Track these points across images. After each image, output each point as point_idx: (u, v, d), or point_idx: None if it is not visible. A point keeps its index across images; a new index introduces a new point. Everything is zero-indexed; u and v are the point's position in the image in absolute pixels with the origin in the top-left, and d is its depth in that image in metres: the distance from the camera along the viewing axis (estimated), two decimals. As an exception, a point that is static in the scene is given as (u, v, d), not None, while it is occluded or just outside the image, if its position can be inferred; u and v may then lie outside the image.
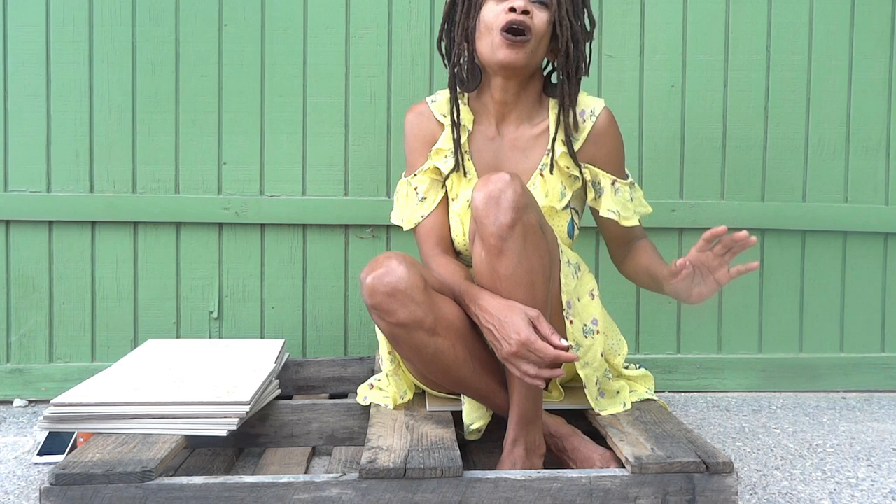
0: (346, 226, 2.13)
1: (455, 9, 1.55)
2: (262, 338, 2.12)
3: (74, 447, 1.62)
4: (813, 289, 2.24)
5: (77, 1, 2.05)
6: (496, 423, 1.49)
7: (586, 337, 1.49)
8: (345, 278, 2.14)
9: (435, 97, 1.65)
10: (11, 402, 2.06)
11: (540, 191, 1.54)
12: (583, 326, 1.50)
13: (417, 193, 1.61)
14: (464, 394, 1.48)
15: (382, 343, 1.53)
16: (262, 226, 2.12)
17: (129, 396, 1.44)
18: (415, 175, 1.61)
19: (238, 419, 1.42)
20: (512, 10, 1.44)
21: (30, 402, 2.07)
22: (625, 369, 1.61)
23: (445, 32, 1.59)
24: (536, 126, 1.58)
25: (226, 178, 2.10)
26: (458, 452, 1.29)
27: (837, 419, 1.99)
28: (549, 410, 1.51)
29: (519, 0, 1.44)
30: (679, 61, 2.18)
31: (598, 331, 1.51)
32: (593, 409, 1.50)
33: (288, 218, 2.11)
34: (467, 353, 1.42)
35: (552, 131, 1.56)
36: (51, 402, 1.43)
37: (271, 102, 2.11)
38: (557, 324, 1.46)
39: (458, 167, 1.57)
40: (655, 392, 1.64)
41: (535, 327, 1.28)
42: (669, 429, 1.41)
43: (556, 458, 1.48)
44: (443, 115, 1.61)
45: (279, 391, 1.67)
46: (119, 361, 1.73)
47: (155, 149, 2.09)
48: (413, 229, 1.62)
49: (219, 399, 1.44)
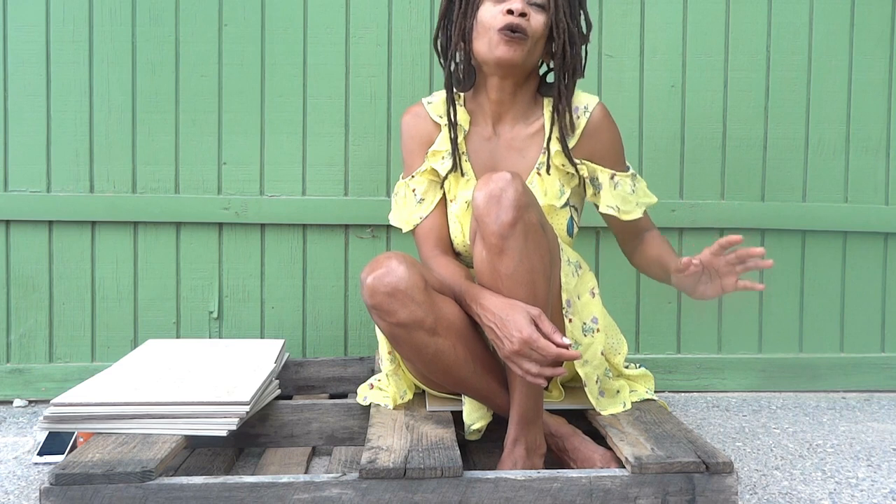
0: (346, 226, 2.13)
1: (452, 8, 1.55)
2: (262, 338, 2.12)
3: (74, 447, 1.62)
4: (813, 289, 2.24)
5: (77, 1, 2.05)
6: (496, 423, 1.49)
7: (586, 335, 1.49)
8: (345, 278, 2.14)
9: (431, 99, 1.65)
10: (11, 402, 2.06)
11: (538, 189, 1.54)
12: (582, 325, 1.50)
13: (416, 195, 1.60)
14: (464, 394, 1.48)
15: (382, 343, 1.53)
16: (262, 226, 2.12)
17: (129, 396, 1.44)
18: (412, 177, 1.61)
19: (238, 419, 1.42)
20: (510, 13, 1.45)
21: (30, 402, 2.07)
22: (625, 369, 1.61)
23: (442, 32, 1.58)
24: (532, 125, 1.58)
25: (226, 178, 2.10)
26: (458, 452, 1.29)
27: (837, 419, 1.99)
28: (550, 410, 1.51)
29: (517, 2, 1.45)
30: (679, 61, 2.18)
31: (598, 329, 1.51)
32: (593, 409, 1.50)
33: (288, 218, 2.11)
34: (468, 353, 1.42)
35: (547, 130, 1.56)
36: (51, 402, 1.43)
37: (271, 102, 2.11)
38: (557, 322, 1.46)
39: (456, 168, 1.57)
40: (655, 392, 1.64)
41: (537, 325, 1.28)
42: (669, 429, 1.41)
43: (557, 458, 1.48)
44: (439, 117, 1.61)
45: (279, 391, 1.67)
46: (119, 361, 1.73)
47: (155, 149, 2.09)
48: (412, 231, 1.62)
49: (219, 399, 1.44)
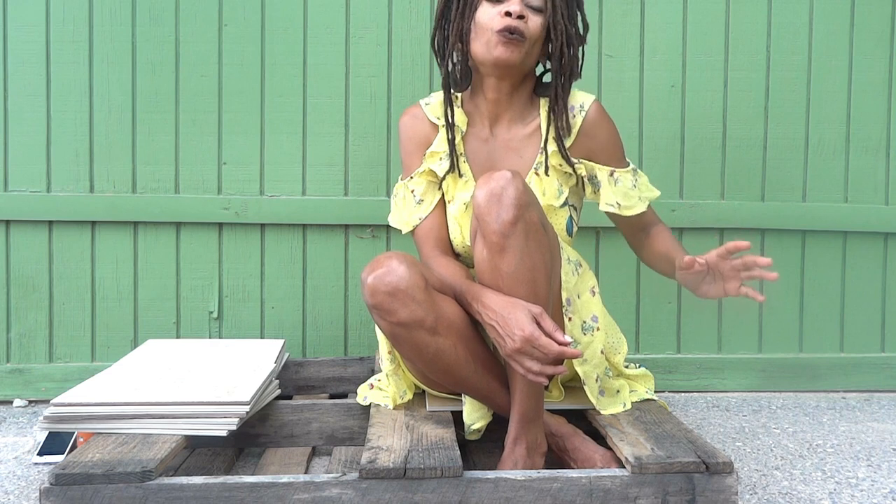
0: (346, 226, 2.13)
1: (449, 8, 1.55)
2: (262, 338, 2.12)
3: (74, 447, 1.62)
4: (813, 289, 2.24)
5: (77, 1, 2.05)
6: (496, 423, 1.49)
7: (585, 334, 1.49)
8: (345, 278, 2.14)
9: (428, 100, 1.65)
10: (11, 402, 2.06)
11: (537, 189, 1.54)
12: (582, 323, 1.50)
13: (414, 196, 1.60)
14: (465, 393, 1.48)
15: (382, 343, 1.53)
16: (262, 226, 2.12)
17: (129, 396, 1.44)
18: (411, 178, 1.61)
19: (238, 419, 1.42)
20: (508, 14, 1.45)
21: (30, 402, 2.07)
22: (625, 368, 1.61)
23: (439, 32, 1.58)
24: (529, 125, 1.58)
25: (226, 178, 2.10)
26: (458, 452, 1.29)
27: (837, 419, 1.99)
28: (550, 410, 1.51)
29: (515, 5, 1.45)
30: (679, 61, 2.18)
31: (598, 328, 1.51)
32: (593, 409, 1.51)
33: (288, 218, 2.11)
34: (468, 353, 1.42)
35: (544, 130, 1.56)
36: (51, 402, 1.43)
37: (271, 102, 2.11)
38: (558, 321, 1.46)
39: (453, 169, 1.57)
40: (655, 392, 1.64)
41: (539, 324, 1.28)
42: (669, 429, 1.41)
43: (557, 458, 1.48)
44: (437, 118, 1.61)
45: (279, 391, 1.67)
46: (119, 361, 1.73)
47: (155, 149, 2.09)
48: (411, 232, 1.62)
49: (219, 399, 1.44)
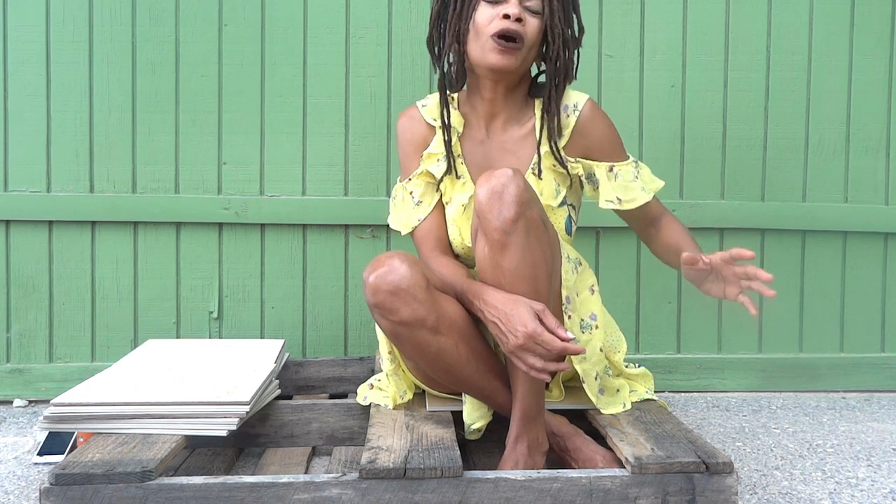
0: (346, 226, 2.13)
1: (446, 9, 1.54)
2: (262, 338, 2.12)
3: (74, 447, 1.62)
4: (813, 289, 2.24)
5: (77, 1, 2.05)
6: (496, 423, 1.49)
7: (584, 332, 1.50)
8: (345, 278, 2.14)
9: (425, 101, 1.65)
10: (11, 402, 2.06)
11: (534, 189, 1.53)
12: (581, 321, 1.50)
13: (413, 197, 1.60)
14: (466, 393, 1.48)
15: (382, 342, 1.53)
16: (262, 226, 2.12)
17: (129, 396, 1.44)
18: (409, 179, 1.61)
19: (238, 419, 1.42)
20: (506, 17, 1.45)
21: (30, 402, 2.07)
22: (625, 367, 1.61)
23: (435, 32, 1.58)
24: (524, 126, 1.58)
25: (226, 178, 2.10)
26: (458, 452, 1.29)
27: (837, 419, 1.99)
28: (551, 410, 1.51)
29: (513, 8, 1.45)
30: (679, 61, 2.18)
31: (597, 326, 1.51)
32: (594, 407, 1.51)
33: (288, 218, 2.11)
34: (470, 352, 1.42)
35: (538, 131, 1.56)
36: (51, 402, 1.43)
37: (271, 102, 2.11)
38: (558, 318, 1.45)
39: (451, 170, 1.57)
40: (655, 392, 1.64)
41: (541, 320, 1.29)
42: (669, 429, 1.41)
43: (558, 458, 1.48)
44: (433, 119, 1.61)
45: (279, 391, 1.67)
46: (119, 361, 1.73)
47: (155, 149, 2.09)
48: (411, 233, 1.62)
49: (219, 399, 1.44)
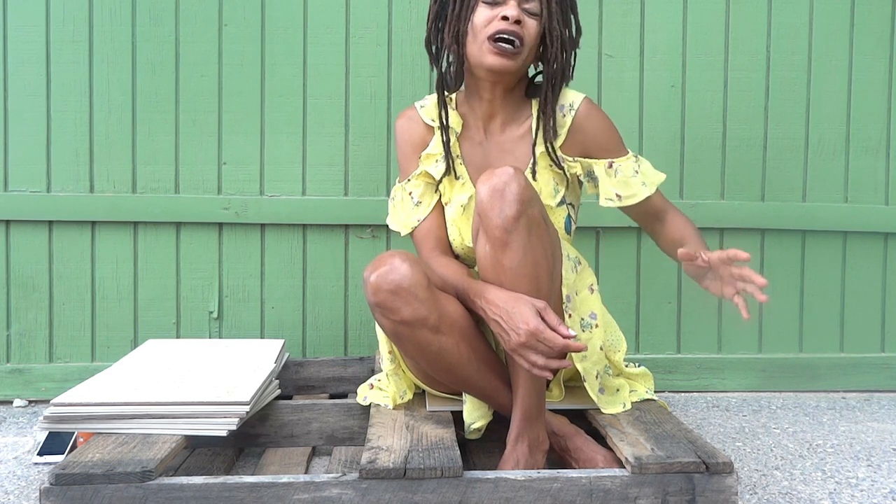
0: (346, 226, 2.13)
1: (445, 9, 1.54)
2: (262, 338, 2.12)
3: (74, 447, 1.62)
4: (813, 289, 2.24)
5: (77, 1, 2.05)
6: (497, 423, 1.49)
7: (584, 330, 1.50)
8: (345, 278, 2.14)
9: (423, 102, 1.65)
10: (11, 402, 2.06)
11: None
12: (581, 320, 1.50)
13: (412, 198, 1.60)
14: (467, 392, 1.48)
15: (383, 342, 1.53)
16: (262, 226, 2.12)
17: (129, 396, 1.44)
18: (408, 180, 1.61)
19: (238, 419, 1.42)
20: (504, 19, 1.45)
21: (30, 402, 2.07)
22: (625, 367, 1.61)
23: (434, 32, 1.58)
24: (522, 126, 1.58)
25: (226, 178, 2.10)
26: (458, 452, 1.29)
27: (837, 419, 1.99)
28: (552, 410, 1.51)
29: (512, 10, 1.45)
30: (679, 61, 2.18)
31: (597, 324, 1.51)
32: (594, 407, 1.51)
33: (288, 218, 2.11)
34: (471, 351, 1.42)
35: (534, 132, 1.55)
36: (51, 402, 1.43)
37: (271, 102, 2.11)
38: (559, 316, 1.46)
39: (450, 171, 1.57)
40: (655, 392, 1.63)
41: (543, 318, 1.29)
42: (669, 429, 1.41)
43: (559, 458, 1.48)
44: (431, 120, 1.61)
45: (279, 391, 1.67)
46: (119, 361, 1.73)
47: (155, 149, 2.09)
48: (410, 234, 1.62)
49: (219, 399, 1.44)
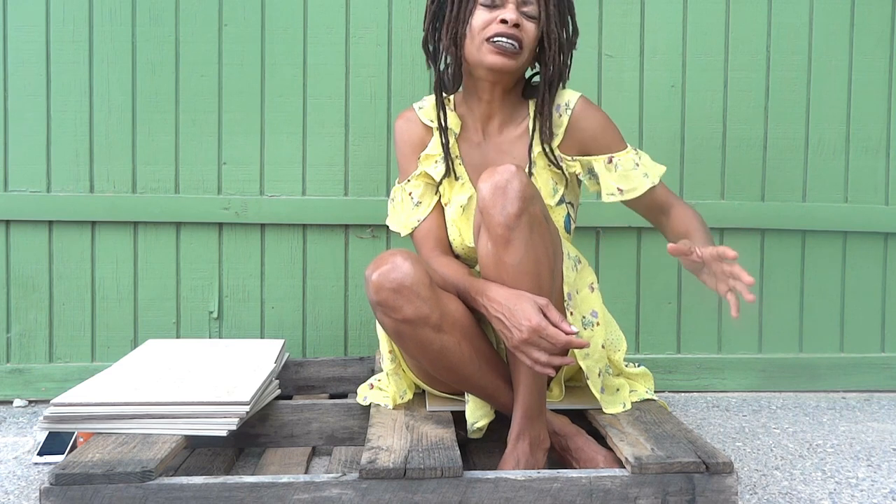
0: (346, 226, 2.13)
1: (442, 10, 1.54)
2: (262, 338, 2.12)
3: (74, 447, 1.62)
4: (813, 289, 2.24)
5: (77, 1, 2.05)
6: (497, 423, 1.49)
7: (585, 329, 1.50)
8: (345, 278, 2.14)
9: (422, 103, 1.65)
10: (11, 402, 2.06)
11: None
12: (582, 318, 1.50)
13: (412, 198, 1.60)
14: (468, 391, 1.48)
15: (383, 341, 1.53)
16: (262, 226, 2.12)
17: (129, 396, 1.44)
18: (408, 181, 1.61)
19: (238, 419, 1.42)
20: (503, 22, 1.45)
21: (30, 402, 2.07)
22: (625, 367, 1.61)
23: (430, 34, 1.58)
24: (519, 126, 1.58)
25: (226, 178, 2.10)
26: (458, 452, 1.29)
27: (837, 419, 1.99)
28: (552, 410, 1.51)
29: (511, 13, 1.45)
30: (679, 61, 2.18)
31: (598, 323, 1.51)
32: (595, 407, 1.51)
33: (288, 218, 2.11)
34: (472, 350, 1.42)
35: (531, 133, 1.55)
36: (51, 402, 1.43)
37: (271, 102, 2.11)
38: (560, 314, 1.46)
39: (450, 173, 1.57)
40: (655, 392, 1.64)
41: (545, 314, 1.29)
42: (669, 429, 1.41)
43: (560, 458, 1.48)
44: (430, 121, 1.61)
45: (279, 391, 1.67)
46: (119, 361, 1.73)
47: (155, 149, 2.09)
48: (410, 234, 1.62)
49: (219, 399, 1.44)
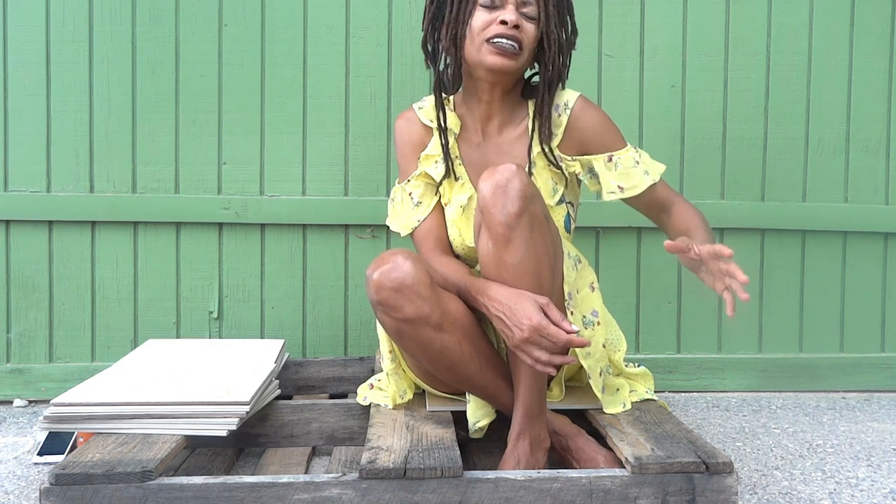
0: (346, 226, 2.13)
1: (441, 11, 1.54)
2: (262, 338, 2.12)
3: (74, 447, 1.62)
4: (813, 289, 2.24)
5: (77, 1, 2.05)
6: (497, 423, 1.49)
7: (586, 328, 1.50)
8: (345, 278, 2.14)
9: (422, 103, 1.65)
10: (11, 402, 2.06)
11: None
12: (582, 318, 1.50)
13: (412, 198, 1.60)
14: (468, 391, 1.48)
15: (383, 341, 1.53)
16: (262, 226, 2.12)
17: (129, 396, 1.44)
18: (408, 181, 1.61)
19: (238, 419, 1.42)
20: (503, 24, 1.45)
21: (30, 402, 2.07)
22: (625, 367, 1.61)
23: (430, 35, 1.58)
24: (519, 126, 1.58)
25: (226, 178, 2.10)
26: (458, 452, 1.29)
27: (837, 419, 1.99)
28: (552, 410, 1.51)
29: (510, 14, 1.45)
30: (679, 61, 2.18)
31: (598, 322, 1.51)
32: (595, 407, 1.51)
33: (288, 218, 2.11)
34: (473, 350, 1.42)
35: (530, 133, 1.55)
36: (51, 402, 1.43)
37: (271, 102, 2.11)
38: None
39: (449, 173, 1.57)
40: (655, 392, 1.64)
41: (546, 314, 1.29)
42: (669, 429, 1.41)
43: (560, 458, 1.48)
44: (430, 121, 1.61)
45: (279, 391, 1.67)
46: (119, 361, 1.73)
47: (155, 149, 2.09)
48: (410, 234, 1.62)
49: (219, 399, 1.44)
